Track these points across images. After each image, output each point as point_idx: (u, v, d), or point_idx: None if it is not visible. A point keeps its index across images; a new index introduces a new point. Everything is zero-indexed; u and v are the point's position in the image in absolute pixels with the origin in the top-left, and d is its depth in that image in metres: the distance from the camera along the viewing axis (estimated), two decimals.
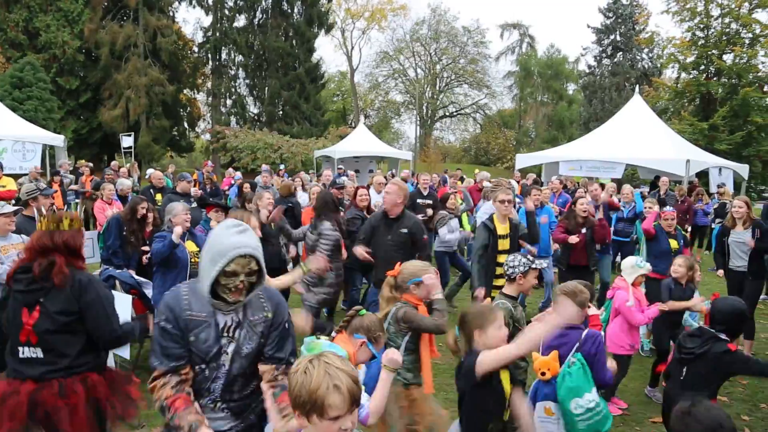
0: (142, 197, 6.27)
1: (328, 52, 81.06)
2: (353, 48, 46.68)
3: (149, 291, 4.99)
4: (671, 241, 5.96)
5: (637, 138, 14.65)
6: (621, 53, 36.34)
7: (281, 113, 33.35)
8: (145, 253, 5.45)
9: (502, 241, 5.23)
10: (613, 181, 11.70)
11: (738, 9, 25.02)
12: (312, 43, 34.31)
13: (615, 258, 8.08)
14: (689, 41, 26.63)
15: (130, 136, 19.74)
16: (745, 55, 25.01)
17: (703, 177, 16.27)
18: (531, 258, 3.52)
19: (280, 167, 18.45)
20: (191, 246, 4.94)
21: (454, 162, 43.00)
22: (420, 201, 8.10)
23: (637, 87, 19.36)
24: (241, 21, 34.17)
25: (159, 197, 8.54)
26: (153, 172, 10.17)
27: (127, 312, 4.18)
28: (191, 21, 77.01)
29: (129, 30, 27.92)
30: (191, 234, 5.07)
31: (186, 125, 35.26)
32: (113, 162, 16.83)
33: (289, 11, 33.59)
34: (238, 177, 14.24)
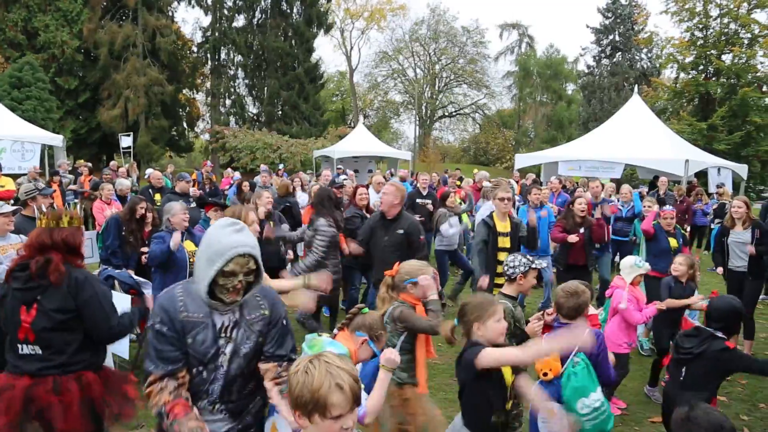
0: (141, 197, 6.26)
1: (327, 52, 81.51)
2: (352, 48, 46.85)
3: (148, 291, 4.97)
4: (671, 240, 5.97)
5: (636, 138, 14.64)
6: (620, 53, 36.39)
7: (280, 113, 33.34)
8: (144, 253, 5.44)
9: (502, 239, 5.24)
10: (612, 181, 11.70)
11: (737, 9, 25.05)
12: (311, 43, 34.32)
13: (614, 257, 8.08)
14: (688, 41, 26.66)
15: (129, 136, 19.74)
16: (744, 56, 25.06)
17: (702, 177, 16.25)
18: (531, 258, 3.51)
19: (279, 167, 18.43)
20: (190, 246, 4.93)
21: (453, 162, 42.97)
22: (419, 201, 8.11)
23: (636, 87, 19.36)
24: (240, 21, 34.19)
25: (158, 197, 8.52)
26: (152, 172, 10.15)
27: None
28: (190, 21, 77.14)
29: (128, 30, 27.89)
30: (190, 233, 5.06)
31: (185, 125, 35.24)
32: (112, 162, 16.80)
33: (289, 11, 33.58)
34: (237, 177, 14.22)
